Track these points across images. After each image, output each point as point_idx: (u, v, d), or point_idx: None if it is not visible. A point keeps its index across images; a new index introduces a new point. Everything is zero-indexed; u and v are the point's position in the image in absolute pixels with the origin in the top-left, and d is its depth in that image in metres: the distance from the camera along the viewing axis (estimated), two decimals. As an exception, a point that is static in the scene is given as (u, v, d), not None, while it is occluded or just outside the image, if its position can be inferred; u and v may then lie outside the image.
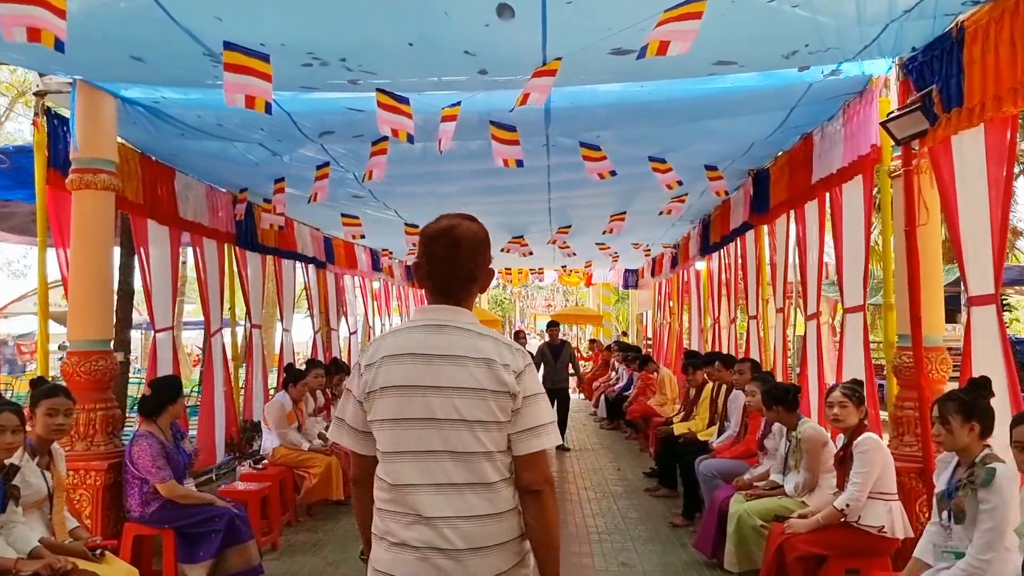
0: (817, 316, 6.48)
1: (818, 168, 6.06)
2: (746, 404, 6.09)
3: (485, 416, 1.97)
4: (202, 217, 7.38)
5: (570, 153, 6.25)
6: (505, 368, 2.00)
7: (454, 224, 2.14)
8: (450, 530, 1.94)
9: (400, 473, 1.99)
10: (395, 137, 4.58)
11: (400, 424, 2.00)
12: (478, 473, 1.97)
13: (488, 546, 1.96)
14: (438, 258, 2.12)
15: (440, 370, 2.00)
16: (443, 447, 1.97)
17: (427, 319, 2.10)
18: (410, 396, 2.00)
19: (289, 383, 6.88)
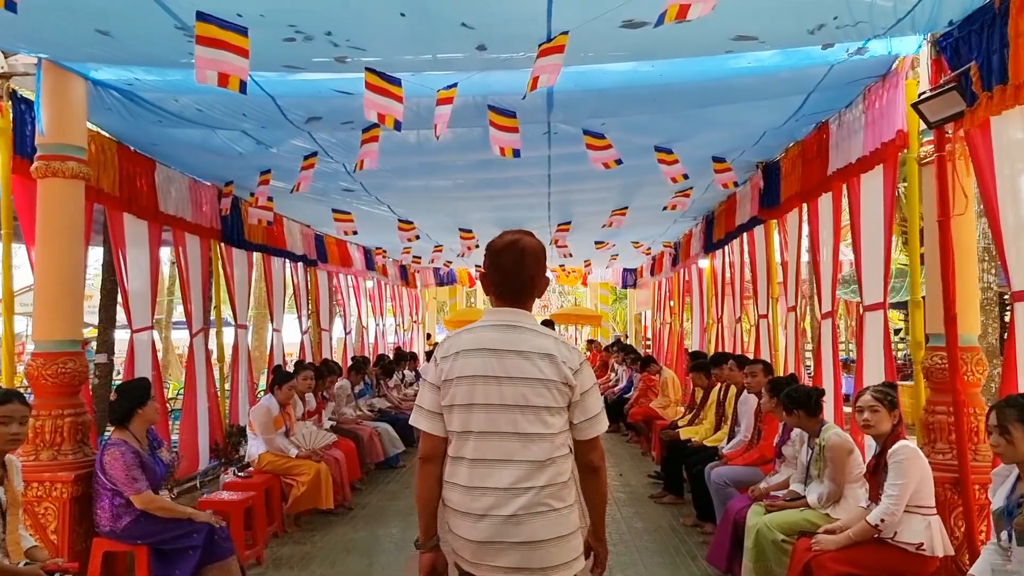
0: (833, 315, 6.14)
1: (835, 158, 5.73)
2: (759, 407, 5.76)
3: (548, 402, 2.35)
4: (185, 212, 7.02)
5: (572, 143, 5.91)
6: (564, 363, 2.38)
7: (517, 239, 2.53)
8: (521, 496, 2.29)
9: (475, 451, 2.34)
10: (382, 123, 4.24)
11: (473, 408, 2.36)
12: (540, 450, 2.33)
13: (554, 509, 2.32)
14: (504, 268, 2.50)
15: (511, 363, 2.37)
16: (510, 428, 2.33)
17: (497, 320, 2.47)
18: (483, 384, 2.36)
19: (276, 386, 6.53)
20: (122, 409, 4.33)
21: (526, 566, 2.30)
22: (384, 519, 6.90)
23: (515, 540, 2.29)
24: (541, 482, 2.32)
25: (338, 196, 8.06)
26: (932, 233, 4.27)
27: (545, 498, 2.32)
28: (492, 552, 2.31)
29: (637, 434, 10.81)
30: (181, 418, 7.06)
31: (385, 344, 15.25)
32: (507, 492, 2.30)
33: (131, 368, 6.16)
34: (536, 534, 2.29)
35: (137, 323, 6.24)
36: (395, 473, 8.87)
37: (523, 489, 2.31)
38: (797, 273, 7.05)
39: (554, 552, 2.32)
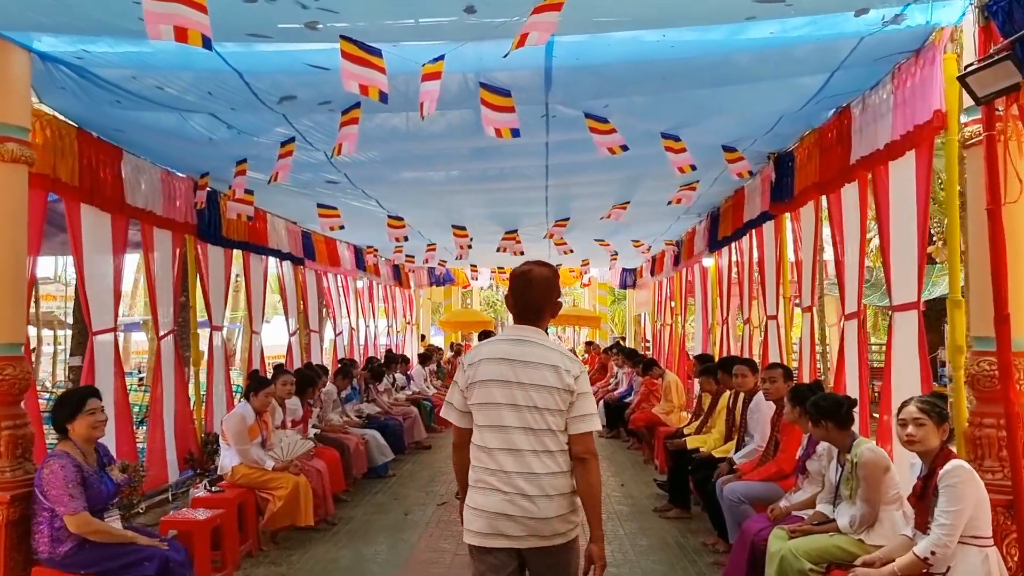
0: (859, 316, 5.66)
1: (858, 145, 5.25)
2: (777, 416, 5.29)
3: (551, 405, 2.80)
4: (155, 205, 6.54)
5: (572, 128, 5.44)
6: (567, 373, 2.83)
7: (529, 269, 3.00)
8: (529, 479, 2.76)
9: (491, 441, 2.82)
10: (364, 95, 3.75)
11: (489, 407, 2.84)
12: (542, 443, 2.80)
13: (556, 493, 2.78)
14: (517, 292, 2.97)
15: (522, 371, 2.83)
16: (519, 424, 2.80)
17: (512, 335, 2.96)
18: (500, 388, 2.83)
19: (251, 392, 6.03)
20: (58, 421, 3.84)
21: (534, 532, 2.79)
22: (369, 535, 6.40)
23: (520, 515, 2.78)
24: (543, 469, 2.80)
25: (322, 189, 7.56)
26: (978, 223, 3.80)
27: (546, 482, 2.80)
28: (501, 522, 2.80)
29: (639, 441, 10.32)
30: (148, 426, 6.56)
31: (377, 346, 14.74)
32: (517, 476, 2.79)
33: (91, 373, 5.66)
34: (538, 512, 2.78)
35: (97, 324, 5.74)
36: (383, 483, 8.37)
37: (529, 474, 2.79)
38: (813, 271, 6.57)
39: (554, 524, 2.80)
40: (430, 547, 6.04)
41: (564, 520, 2.81)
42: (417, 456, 10.23)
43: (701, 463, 6.30)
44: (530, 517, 2.76)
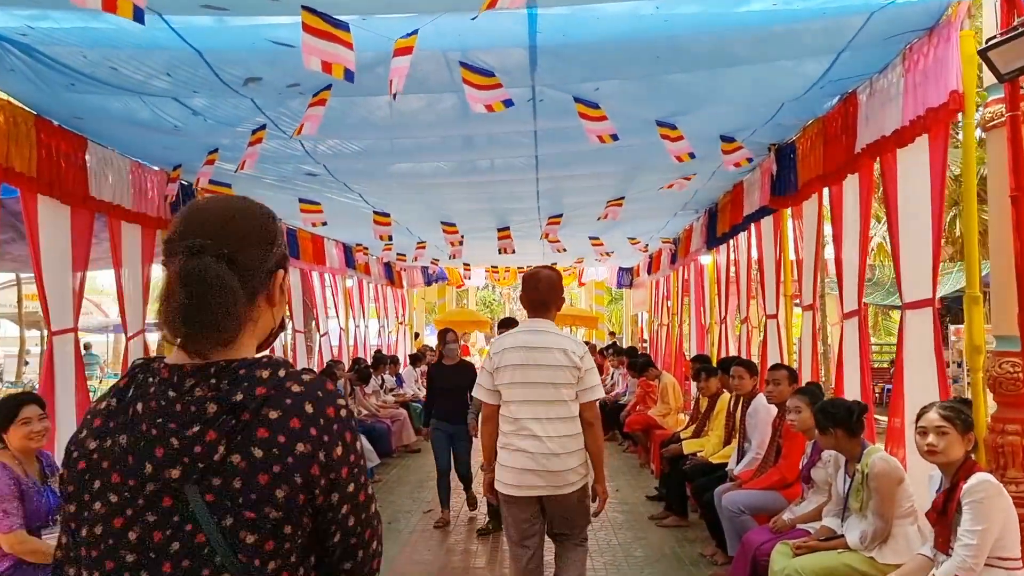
0: (860, 314, 5.34)
1: (864, 133, 4.94)
2: (778, 421, 4.97)
3: (563, 381, 3.70)
4: (123, 198, 6.18)
5: (561, 114, 5.11)
6: (573, 353, 3.74)
7: (537, 271, 4.02)
8: (548, 441, 3.65)
9: (517, 412, 3.73)
10: (327, 72, 3.43)
11: (516, 385, 3.74)
12: (559, 412, 3.70)
13: (568, 451, 3.68)
14: (529, 290, 3.93)
15: (539, 355, 3.72)
16: (540, 398, 3.70)
17: (528, 327, 3.88)
18: (522, 369, 3.73)
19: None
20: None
21: (551, 484, 3.65)
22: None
23: (540, 470, 3.64)
24: (558, 433, 3.65)
25: (302, 183, 7.23)
26: (1000, 212, 3.49)
27: (560, 443, 3.65)
28: (527, 477, 3.65)
29: (635, 444, 10.00)
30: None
31: (367, 347, 14.40)
32: (538, 440, 3.65)
33: (50, 376, 5.32)
34: (554, 467, 3.64)
35: (57, 324, 5.39)
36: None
37: (547, 438, 3.64)
38: (816, 267, 6.25)
39: (567, 476, 3.66)
40: (413, 559, 5.73)
41: (574, 472, 3.71)
42: (405, 460, 9.90)
43: (699, 469, 5.98)
44: (548, 471, 3.64)
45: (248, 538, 1.22)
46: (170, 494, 1.22)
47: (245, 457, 1.22)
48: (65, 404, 5.45)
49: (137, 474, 1.24)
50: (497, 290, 40.41)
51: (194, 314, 1.24)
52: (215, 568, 1.21)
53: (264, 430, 1.23)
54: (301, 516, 1.25)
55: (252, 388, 1.25)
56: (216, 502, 1.22)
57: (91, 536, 1.25)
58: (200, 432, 1.22)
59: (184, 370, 1.27)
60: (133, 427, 1.25)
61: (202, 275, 1.25)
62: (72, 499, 1.28)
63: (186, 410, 1.23)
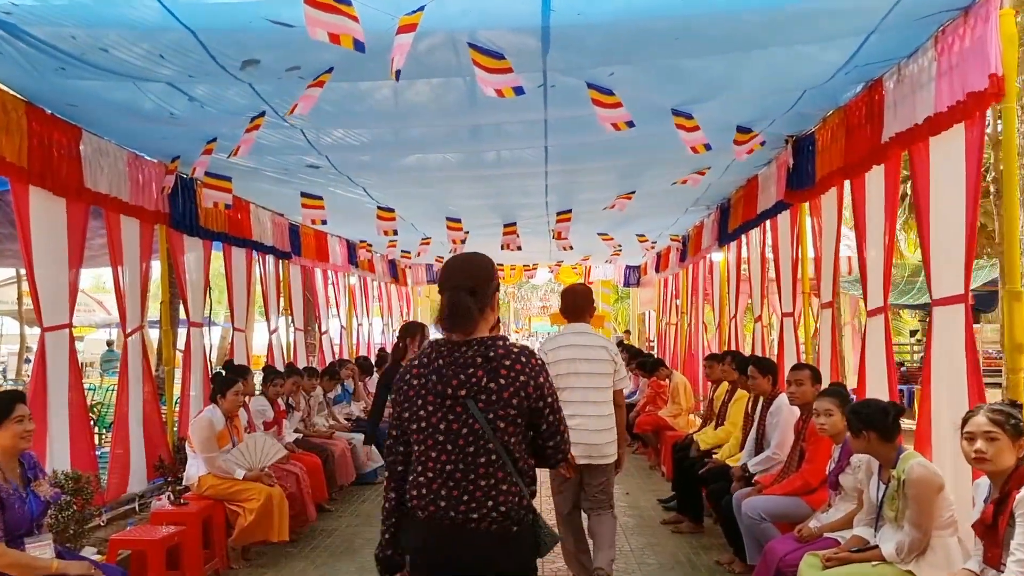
0: (885, 311, 5.11)
1: (892, 122, 4.70)
2: (802, 422, 4.75)
3: (605, 371, 4.68)
4: (120, 191, 5.99)
5: (573, 102, 4.90)
6: (609, 350, 4.76)
7: (573, 286, 5.09)
8: (589, 423, 4.57)
9: (569, 397, 4.47)
10: (335, 43, 3.22)
11: (568, 376, 4.60)
12: (603, 398, 4.66)
13: (606, 428, 4.66)
14: (569, 302, 4.92)
15: (585, 352, 4.66)
16: (588, 385, 4.64)
17: (572, 330, 4.81)
18: (573, 364, 4.64)
19: (218, 394, 5.50)
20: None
21: (595, 455, 4.59)
22: (351, 550, 5.87)
23: (584, 444, 4.51)
24: (600, 413, 4.64)
25: (304, 175, 7.01)
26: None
27: (603, 423, 4.63)
28: (577, 449, 4.33)
29: (644, 444, 9.78)
30: (113, 430, 6.03)
31: (371, 345, 14.19)
32: (586, 419, 4.56)
33: (42, 372, 5.13)
34: (596, 441, 4.60)
35: (49, 320, 5.19)
36: (372, 491, 7.83)
37: (593, 417, 4.61)
38: (835, 264, 6.02)
39: (604, 448, 4.63)
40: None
41: (610, 446, 4.66)
42: (410, 461, 9.70)
43: (715, 473, 5.75)
44: (590, 444, 4.55)
45: (500, 424, 2.36)
46: (459, 404, 2.36)
47: (496, 383, 2.37)
48: (58, 403, 5.26)
49: (442, 394, 2.38)
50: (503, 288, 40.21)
51: (454, 320, 2.41)
52: (484, 440, 2.35)
53: (504, 370, 2.37)
54: (525, 413, 2.40)
55: (495, 349, 2.40)
56: (483, 407, 2.36)
57: (418, 427, 2.40)
58: (473, 371, 2.37)
59: (459, 342, 2.42)
60: (438, 371, 2.40)
61: (456, 301, 2.41)
62: (405, 410, 2.44)
63: (465, 361, 2.39)
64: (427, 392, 2.38)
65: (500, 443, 2.34)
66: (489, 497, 2.33)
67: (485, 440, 2.33)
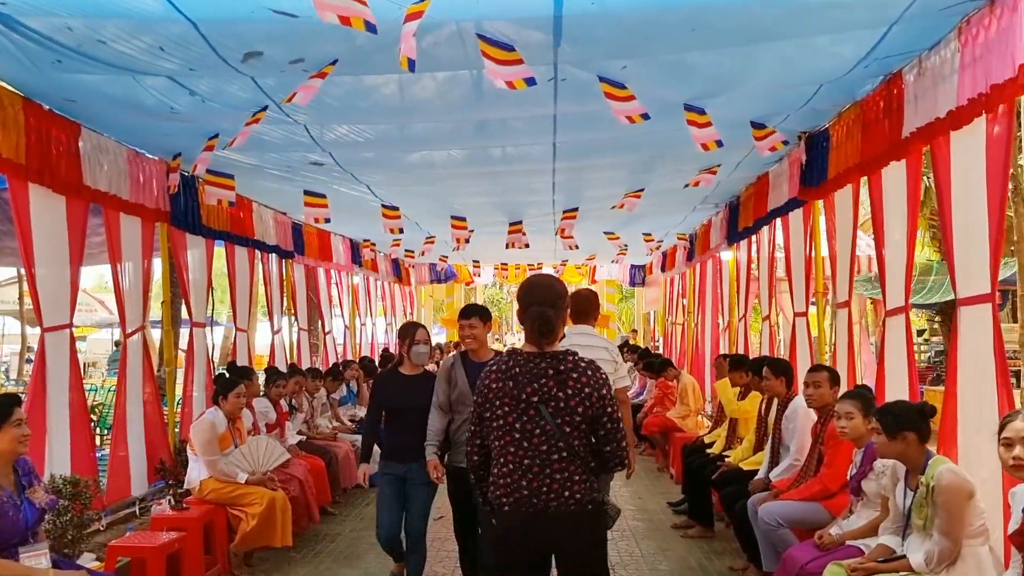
0: (906, 311, 4.98)
1: (912, 116, 4.57)
2: (820, 426, 4.62)
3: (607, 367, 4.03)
4: (121, 188, 5.88)
5: (584, 97, 4.79)
6: (610, 350, 4.77)
7: (579, 290, 5.07)
8: None
9: None
10: (346, 25, 3.10)
11: None
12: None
13: None
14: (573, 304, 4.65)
15: (586, 352, 3.36)
16: None
17: (575, 331, 4.72)
18: None
19: (220, 396, 5.38)
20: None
21: None
22: (356, 555, 5.74)
23: None
24: None
25: (307, 173, 6.89)
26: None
27: None
28: None
29: (651, 446, 9.65)
30: (112, 432, 5.92)
31: (374, 345, 14.08)
32: None
33: (41, 373, 5.01)
34: None
35: (50, 320, 5.08)
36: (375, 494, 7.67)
37: None
38: (852, 262, 5.89)
39: None
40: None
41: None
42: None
43: (728, 477, 5.62)
44: None
45: (567, 428, 2.74)
46: (532, 408, 2.75)
47: (564, 392, 2.75)
48: (58, 405, 5.15)
49: (517, 398, 2.77)
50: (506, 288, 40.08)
51: (543, 332, 2.81)
52: (555, 440, 2.74)
53: (571, 381, 2.76)
54: (588, 419, 2.77)
55: (564, 363, 2.79)
56: (553, 412, 2.74)
57: (497, 425, 2.81)
58: (545, 381, 2.76)
59: (534, 354, 2.82)
60: (515, 378, 2.80)
61: (543, 316, 2.82)
62: (486, 410, 2.84)
63: (538, 371, 2.78)
64: (504, 395, 2.81)
65: (568, 443, 2.77)
66: (565, 488, 2.77)
67: (555, 440, 2.77)
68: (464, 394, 4.23)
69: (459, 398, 4.29)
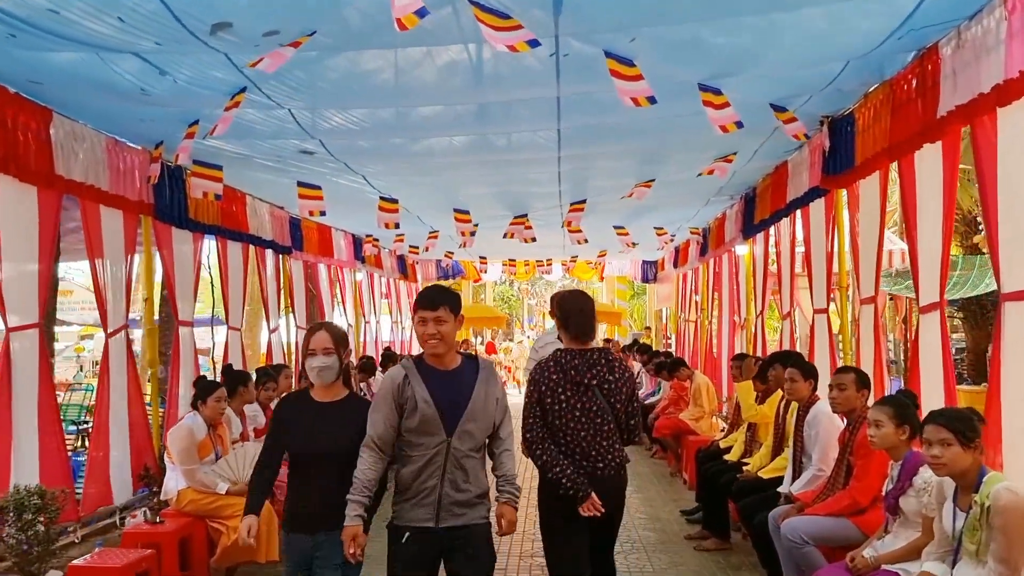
0: (941, 307, 4.57)
1: (950, 93, 4.16)
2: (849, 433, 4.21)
3: None
4: (99, 179, 5.55)
5: (589, 75, 4.41)
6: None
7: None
8: None
9: None
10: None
11: None
12: None
13: None
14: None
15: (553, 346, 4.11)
16: None
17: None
18: None
19: (199, 400, 5.02)
20: None
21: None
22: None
23: None
24: None
25: (298, 163, 6.53)
26: None
27: None
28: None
29: (663, 449, 9.26)
30: (91, 437, 5.59)
31: (378, 344, 13.73)
32: None
33: (7, 377, 4.67)
34: None
35: (15, 319, 4.74)
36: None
37: None
38: (879, 254, 5.47)
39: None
40: None
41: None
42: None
43: (747, 486, 5.23)
44: None
45: (617, 405, 3.59)
46: (590, 390, 3.52)
47: (613, 376, 3.59)
48: (26, 410, 4.80)
49: (578, 384, 3.52)
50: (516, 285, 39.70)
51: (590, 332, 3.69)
52: (606, 415, 3.53)
53: (617, 370, 3.62)
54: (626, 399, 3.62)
55: (608, 356, 3.65)
56: (606, 393, 3.55)
57: (560, 409, 3.50)
58: (599, 369, 3.57)
59: (584, 349, 3.61)
60: (576, 367, 3.54)
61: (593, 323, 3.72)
62: (547, 396, 3.50)
63: (592, 362, 3.57)
64: (566, 383, 3.52)
65: (614, 418, 3.58)
66: (609, 453, 3.55)
67: (606, 415, 3.55)
68: (429, 420, 3.01)
69: (420, 427, 3.02)
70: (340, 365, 3.23)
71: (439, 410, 3.02)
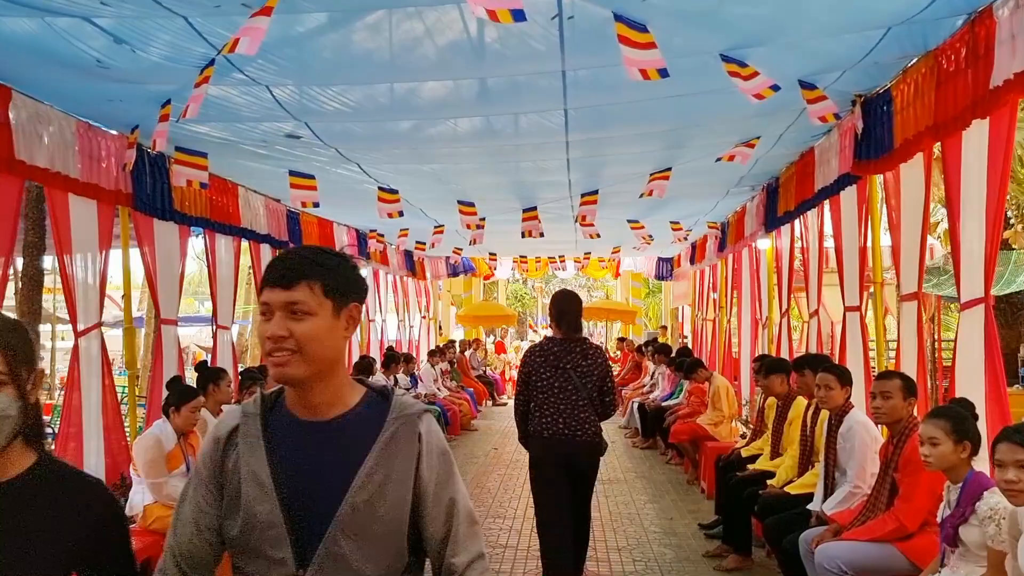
0: (986, 302, 4.05)
1: (1006, 60, 3.63)
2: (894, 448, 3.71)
3: None
4: (68, 166, 5.11)
5: (596, 46, 3.94)
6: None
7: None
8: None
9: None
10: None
11: None
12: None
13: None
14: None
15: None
16: None
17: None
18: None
19: (171, 407, 4.58)
20: None
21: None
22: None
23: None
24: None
25: (286, 148, 6.07)
26: None
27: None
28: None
29: (680, 455, 8.76)
30: (56, 443, 5.17)
31: (383, 343, 13.29)
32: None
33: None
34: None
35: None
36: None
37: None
38: (922, 246, 4.95)
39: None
40: None
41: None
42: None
43: (773, 503, 4.73)
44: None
45: (589, 385, 4.60)
46: (566, 373, 4.57)
47: (585, 362, 4.63)
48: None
49: (556, 366, 4.61)
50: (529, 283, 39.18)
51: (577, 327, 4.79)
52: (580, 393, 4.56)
53: (590, 356, 4.66)
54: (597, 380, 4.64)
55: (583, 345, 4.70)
56: (579, 374, 4.59)
57: (541, 385, 4.60)
58: (574, 356, 4.62)
59: (565, 339, 4.70)
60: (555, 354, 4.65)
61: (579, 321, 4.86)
62: (532, 375, 4.64)
63: (570, 350, 4.64)
64: (548, 365, 4.56)
65: (588, 396, 4.54)
66: (586, 423, 4.53)
67: (580, 394, 4.52)
68: (261, 528, 1.53)
69: (246, 541, 1.55)
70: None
71: (284, 507, 1.53)
